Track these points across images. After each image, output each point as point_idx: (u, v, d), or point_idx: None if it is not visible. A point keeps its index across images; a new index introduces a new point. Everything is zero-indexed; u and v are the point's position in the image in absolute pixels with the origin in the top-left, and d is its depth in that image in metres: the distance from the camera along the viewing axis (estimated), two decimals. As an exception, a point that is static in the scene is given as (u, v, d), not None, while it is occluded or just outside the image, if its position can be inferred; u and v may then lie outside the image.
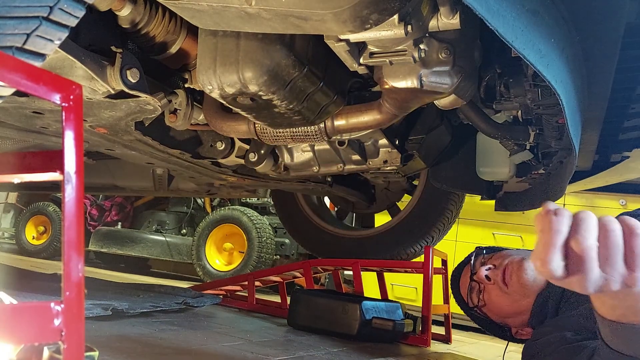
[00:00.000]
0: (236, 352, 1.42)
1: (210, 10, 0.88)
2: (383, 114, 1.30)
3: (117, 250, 5.35)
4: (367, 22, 0.87)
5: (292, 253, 4.94)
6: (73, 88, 0.56)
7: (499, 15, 0.85)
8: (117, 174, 2.37)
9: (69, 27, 0.75)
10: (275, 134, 1.46)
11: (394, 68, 1.12)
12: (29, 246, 5.87)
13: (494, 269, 1.49)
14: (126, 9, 1.12)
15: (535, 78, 1.33)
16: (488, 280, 1.48)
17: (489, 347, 2.83)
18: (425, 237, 2.48)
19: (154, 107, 1.27)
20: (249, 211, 4.93)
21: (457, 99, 1.23)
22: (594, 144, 1.72)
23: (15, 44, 0.70)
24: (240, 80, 1.10)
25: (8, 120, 1.35)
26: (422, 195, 2.47)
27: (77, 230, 0.54)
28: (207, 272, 4.78)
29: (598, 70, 1.27)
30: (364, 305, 1.98)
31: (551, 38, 1.03)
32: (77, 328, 0.53)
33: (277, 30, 0.93)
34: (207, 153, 1.74)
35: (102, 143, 1.58)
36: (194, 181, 2.20)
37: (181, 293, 2.29)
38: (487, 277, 1.49)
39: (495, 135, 1.56)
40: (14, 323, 0.50)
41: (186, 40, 1.26)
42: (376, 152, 1.73)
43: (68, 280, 0.53)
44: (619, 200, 4.14)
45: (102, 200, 5.88)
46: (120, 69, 1.12)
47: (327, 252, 2.67)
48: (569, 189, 2.00)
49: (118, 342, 1.32)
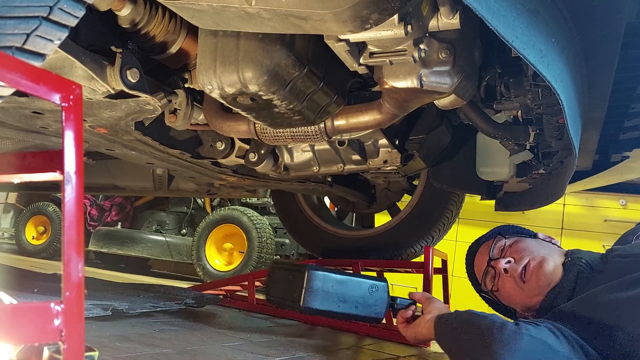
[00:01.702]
0: (236, 352, 1.42)
1: (210, 10, 0.88)
2: (383, 114, 1.30)
3: (117, 250, 5.35)
4: (367, 22, 0.87)
5: (292, 253, 4.94)
6: (73, 88, 0.56)
7: (499, 15, 0.85)
8: (117, 174, 2.37)
9: (68, 27, 0.75)
10: (275, 134, 1.46)
11: (394, 68, 1.12)
12: (29, 246, 5.87)
13: (514, 263, 1.50)
14: (126, 8, 1.12)
15: (536, 78, 1.33)
16: (506, 273, 1.50)
17: (489, 347, 2.82)
18: (425, 237, 2.48)
19: (154, 107, 1.27)
20: (249, 211, 4.93)
21: (457, 99, 1.22)
22: (594, 143, 1.72)
23: (15, 44, 0.70)
24: (240, 80, 1.10)
25: (8, 120, 1.35)
26: (422, 195, 2.47)
27: (77, 230, 0.54)
28: (207, 272, 4.77)
29: (598, 70, 1.27)
30: (313, 274, 1.49)
31: (551, 38, 1.03)
32: (77, 328, 0.53)
33: (277, 30, 0.92)
34: (207, 153, 1.74)
35: (102, 143, 1.58)
36: (194, 181, 2.20)
37: (181, 293, 2.29)
38: (505, 270, 1.51)
39: (496, 135, 1.56)
40: (14, 323, 0.50)
41: (186, 40, 1.26)
42: (376, 152, 1.73)
43: (68, 280, 0.53)
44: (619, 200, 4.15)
45: (102, 201, 5.88)
46: (120, 69, 1.12)
47: (327, 252, 2.67)
48: (569, 189, 2.00)
49: (118, 342, 1.32)
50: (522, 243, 1.55)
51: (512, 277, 1.49)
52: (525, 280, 1.46)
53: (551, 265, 1.44)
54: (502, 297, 1.55)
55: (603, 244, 3.58)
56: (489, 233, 1.67)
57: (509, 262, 1.51)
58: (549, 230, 4.20)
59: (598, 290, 1.28)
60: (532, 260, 1.47)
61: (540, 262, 1.45)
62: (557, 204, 2.95)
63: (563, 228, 4.24)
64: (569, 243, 3.56)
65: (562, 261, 1.46)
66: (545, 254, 1.48)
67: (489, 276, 1.55)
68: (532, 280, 1.45)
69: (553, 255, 1.47)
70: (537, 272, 1.44)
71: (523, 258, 1.49)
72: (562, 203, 4.27)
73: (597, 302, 1.25)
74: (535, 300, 1.45)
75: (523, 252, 1.51)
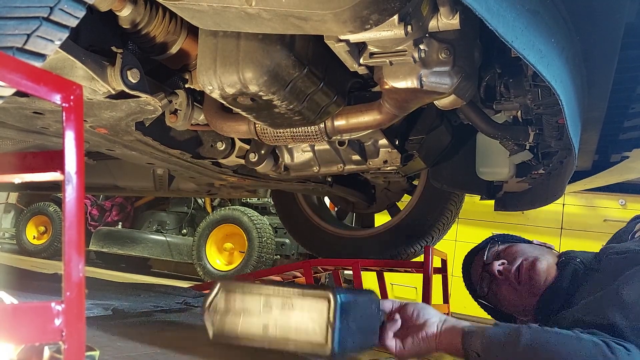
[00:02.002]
0: (236, 352, 1.42)
1: (210, 10, 0.89)
2: (383, 114, 1.30)
3: (117, 250, 5.36)
4: (367, 22, 0.87)
5: (292, 253, 4.95)
6: (73, 88, 0.56)
7: (499, 15, 0.85)
8: (118, 174, 2.37)
9: (69, 27, 0.75)
10: (275, 134, 1.46)
11: (394, 68, 1.12)
12: (30, 246, 5.88)
13: (507, 264, 1.52)
14: (126, 9, 1.12)
15: (535, 78, 1.33)
16: (500, 275, 1.51)
17: (489, 347, 2.82)
18: (425, 236, 2.48)
19: (154, 108, 1.27)
20: (249, 211, 4.94)
21: (457, 99, 1.23)
22: (594, 144, 1.72)
23: (16, 44, 0.70)
24: (240, 80, 1.10)
25: (9, 120, 1.35)
26: (422, 195, 2.48)
27: (77, 230, 0.55)
28: (207, 272, 4.78)
29: (598, 70, 1.27)
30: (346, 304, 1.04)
31: (551, 38, 1.03)
32: (77, 328, 0.53)
33: (277, 30, 0.93)
34: (208, 153, 1.74)
35: (103, 143, 1.58)
36: (194, 181, 2.20)
37: (182, 293, 2.29)
38: (499, 272, 1.52)
39: (495, 135, 1.56)
40: (14, 323, 0.50)
41: (186, 41, 1.26)
42: (376, 152, 1.73)
43: (69, 280, 0.54)
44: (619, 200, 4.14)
45: (102, 201, 5.89)
46: (121, 69, 1.12)
47: (327, 252, 2.67)
48: (568, 189, 2.00)
49: (119, 342, 1.32)
50: (515, 247, 1.58)
51: (507, 279, 1.50)
52: (519, 281, 1.47)
53: (544, 264, 1.45)
54: (499, 301, 1.56)
55: (602, 244, 3.58)
56: (482, 243, 1.69)
57: (502, 264, 1.53)
58: (549, 230, 4.20)
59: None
60: (525, 261, 1.48)
61: (533, 262, 1.46)
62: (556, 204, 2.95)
63: (562, 228, 4.24)
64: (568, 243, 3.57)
65: (555, 261, 1.47)
66: (538, 254, 1.50)
67: (485, 282, 1.56)
68: (526, 279, 1.46)
69: (546, 256, 1.49)
70: (531, 271, 1.45)
71: (516, 259, 1.50)
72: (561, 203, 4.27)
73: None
74: (531, 301, 1.46)
75: (516, 254, 1.53)
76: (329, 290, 1.02)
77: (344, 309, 1.01)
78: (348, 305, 1.03)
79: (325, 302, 1.00)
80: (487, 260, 1.57)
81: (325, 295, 1.01)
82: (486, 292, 1.56)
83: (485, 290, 1.56)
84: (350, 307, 1.05)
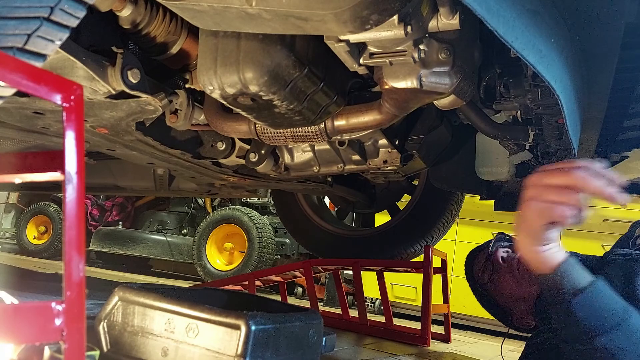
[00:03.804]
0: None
1: (210, 10, 0.89)
2: (383, 114, 1.31)
3: (118, 250, 5.36)
4: (367, 22, 0.87)
5: (292, 253, 4.95)
6: (74, 88, 0.56)
7: (499, 15, 0.85)
8: (118, 174, 2.37)
9: (69, 27, 0.75)
10: (275, 134, 1.46)
11: (394, 68, 1.12)
12: (30, 246, 5.88)
13: (511, 253, 1.54)
14: (127, 9, 1.12)
15: (535, 78, 1.33)
16: (503, 262, 1.53)
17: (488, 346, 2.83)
18: (425, 236, 2.48)
19: (154, 108, 1.28)
20: (249, 211, 4.94)
21: (457, 99, 1.23)
22: (593, 144, 1.72)
23: (16, 44, 0.70)
24: (240, 80, 1.10)
25: (9, 120, 1.36)
26: (422, 195, 2.48)
27: (78, 230, 0.55)
28: (207, 272, 4.78)
29: (598, 70, 1.27)
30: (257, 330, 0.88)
31: (551, 38, 1.03)
32: (78, 328, 0.54)
33: (277, 30, 0.93)
34: (208, 153, 1.74)
35: (103, 143, 1.58)
36: (194, 181, 2.20)
37: (182, 293, 2.28)
38: (502, 258, 1.53)
39: (495, 135, 1.57)
40: (15, 323, 0.50)
41: (187, 41, 1.26)
42: (376, 152, 1.73)
43: (69, 280, 0.54)
44: (619, 200, 4.13)
45: (103, 201, 5.89)
46: (121, 69, 1.12)
47: (328, 252, 2.67)
48: (568, 188, 2.00)
49: (119, 342, 1.32)
50: None
51: (509, 267, 1.51)
52: (520, 270, 1.48)
53: None
54: (498, 291, 1.57)
55: (602, 244, 3.58)
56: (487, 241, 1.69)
57: (507, 251, 1.55)
58: (549, 230, 4.19)
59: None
60: None
61: None
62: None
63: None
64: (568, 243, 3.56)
65: None
66: None
67: (487, 271, 1.58)
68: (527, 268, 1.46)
69: None
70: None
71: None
72: (562, 203, 4.26)
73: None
74: (530, 292, 1.46)
75: None
76: (242, 316, 0.84)
77: (258, 340, 0.84)
78: (265, 335, 0.85)
79: (235, 332, 0.83)
80: (492, 251, 1.58)
81: (236, 324, 0.84)
82: (486, 280, 1.58)
83: (486, 279, 1.58)
84: (270, 338, 0.86)
